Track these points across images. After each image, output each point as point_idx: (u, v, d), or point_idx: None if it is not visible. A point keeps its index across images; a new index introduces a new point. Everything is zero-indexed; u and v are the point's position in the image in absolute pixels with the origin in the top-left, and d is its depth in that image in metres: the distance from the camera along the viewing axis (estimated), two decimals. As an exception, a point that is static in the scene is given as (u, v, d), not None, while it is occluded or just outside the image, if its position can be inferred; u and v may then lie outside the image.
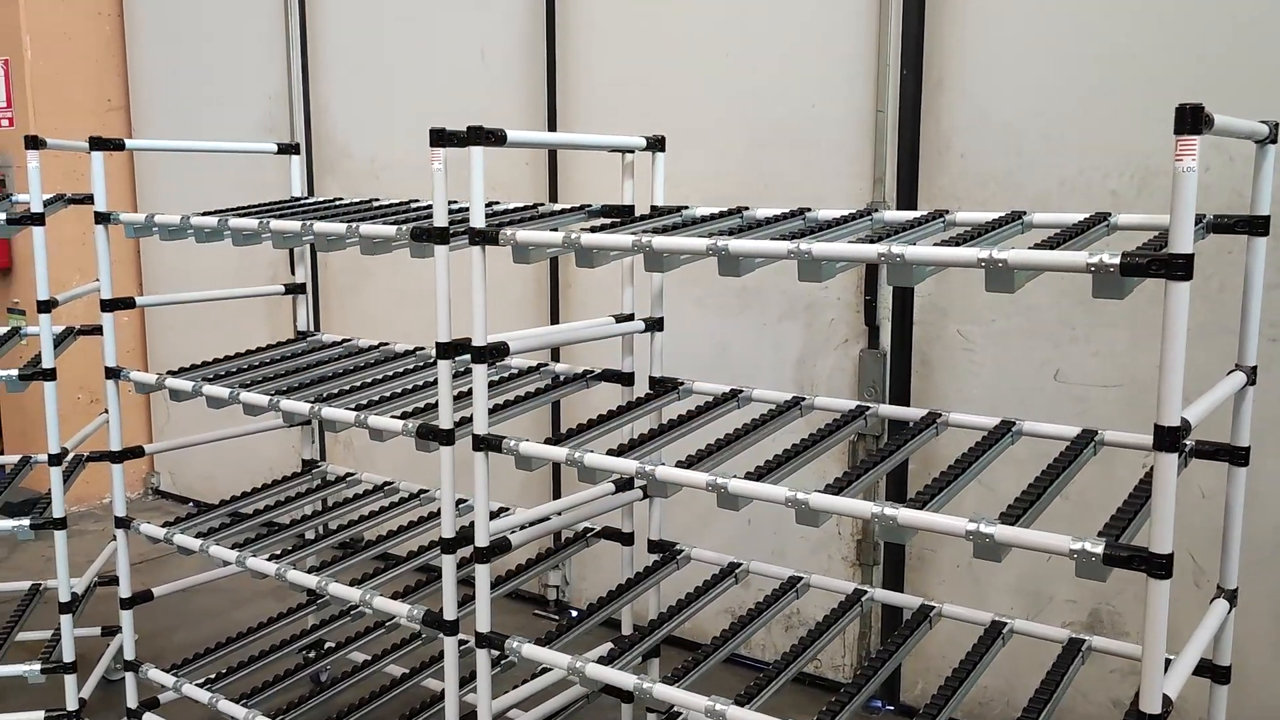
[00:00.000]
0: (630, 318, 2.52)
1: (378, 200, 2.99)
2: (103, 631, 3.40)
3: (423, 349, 2.97)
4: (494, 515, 2.23)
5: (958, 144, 2.96)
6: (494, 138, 2.00)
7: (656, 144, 2.44)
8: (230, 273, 4.70)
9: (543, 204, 2.70)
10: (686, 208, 2.40)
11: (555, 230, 2.02)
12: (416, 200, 2.91)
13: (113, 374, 2.76)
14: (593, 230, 2.01)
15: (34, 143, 2.69)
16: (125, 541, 2.84)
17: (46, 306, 2.76)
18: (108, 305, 2.73)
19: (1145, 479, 1.83)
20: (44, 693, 3.06)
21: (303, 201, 3.11)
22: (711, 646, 2.11)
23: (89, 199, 2.83)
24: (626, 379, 2.55)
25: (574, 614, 3.89)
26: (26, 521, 2.84)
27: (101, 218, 2.70)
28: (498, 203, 2.72)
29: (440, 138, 2.02)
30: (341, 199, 3.13)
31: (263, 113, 4.59)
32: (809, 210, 2.24)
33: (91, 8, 4.98)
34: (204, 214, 2.62)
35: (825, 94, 3.15)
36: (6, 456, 3.49)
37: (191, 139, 4.78)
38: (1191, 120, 1.35)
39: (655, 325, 2.51)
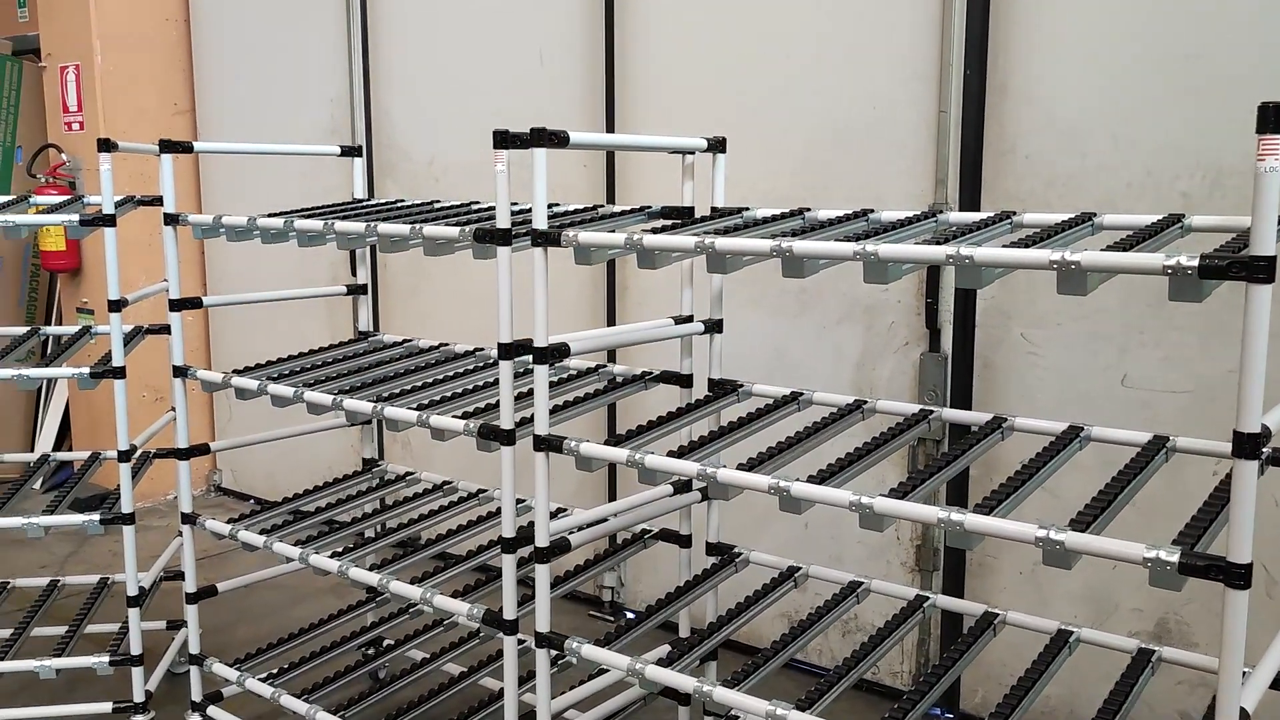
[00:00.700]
0: (689, 319, 2.52)
1: (438, 202, 3.02)
2: (168, 625, 3.46)
3: (482, 349, 2.99)
4: (553, 516, 2.24)
5: (1022, 146, 2.92)
6: (557, 139, 2.00)
7: (717, 145, 2.43)
8: (291, 274, 4.77)
9: (602, 206, 2.70)
10: (747, 209, 2.39)
11: (616, 232, 2.03)
12: (477, 202, 2.93)
13: (180, 373, 2.82)
14: (654, 232, 2.01)
15: (106, 145, 2.75)
16: (191, 537, 2.89)
17: (117, 306, 2.81)
18: (175, 305, 2.78)
19: (1219, 487, 1.79)
20: (111, 684, 3.13)
21: (365, 203, 3.14)
22: (771, 650, 2.10)
23: (158, 200, 2.89)
24: (685, 381, 2.55)
25: (629, 615, 3.89)
26: (96, 516, 2.90)
27: (170, 219, 2.75)
28: (558, 204, 2.73)
29: (503, 139, 2.03)
30: (403, 201, 3.16)
31: (325, 116, 4.66)
32: (871, 211, 2.22)
33: (160, 13, 5.09)
34: (270, 215, 2.65)
35: (886, 95, 3.12)
36: (76, 453, 3.56)
37: (255, 142, 4.86)
38: (1275, 119, 1.31)
39: (715, 327, 2.50)
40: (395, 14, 4.36)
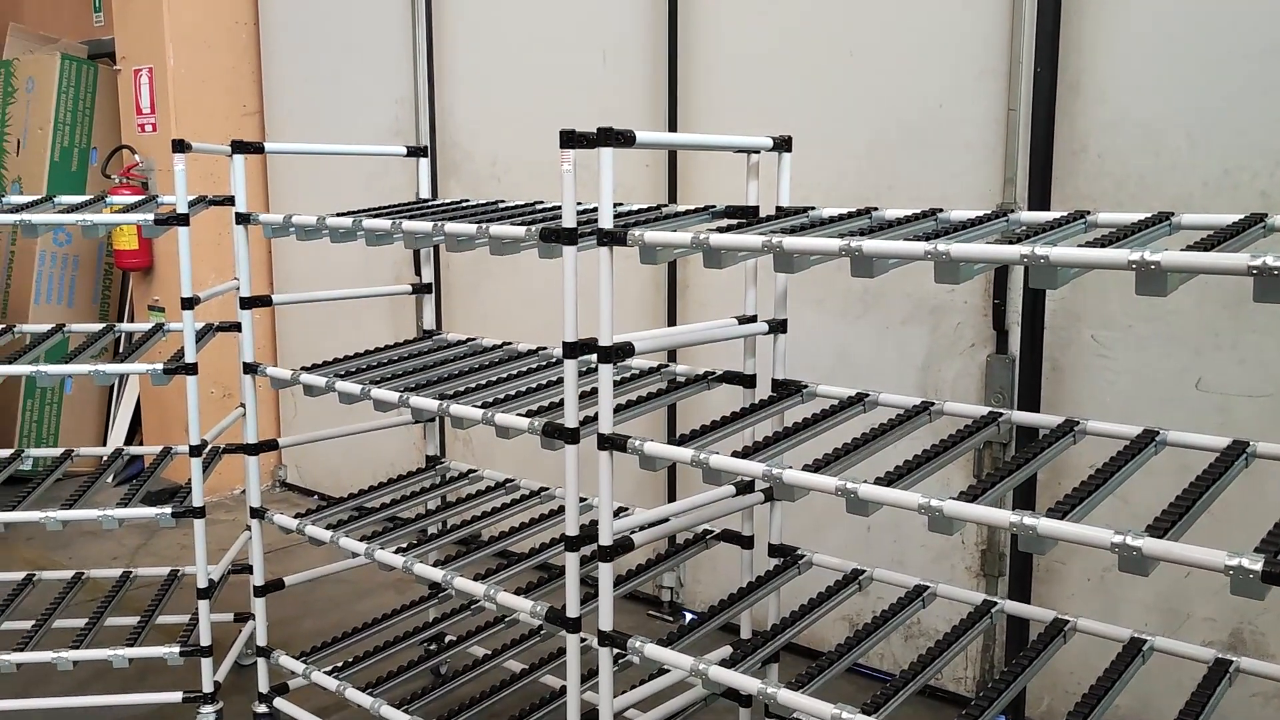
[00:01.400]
0: (753, 319, 2.50)
1: (503, 202, 3.04)
2: (235, 618, 3.52)
3: (544, 349, 3.00)
4: (615, 515, 2.24)
5: (1094, 144, 2.86)
6: (623, 139, 2.01)
7: (783, 144, 2.42)
8: (355, 274, 4.84)
9: (665, 205, 2.70)
10: (813, 208, 2.37)
11: (681, 231, 2.02)
12: (541, 201, 2.94)
13: (250, 369, 2.86)
14: (720, 231, 2.00)
15: (180, 146, 2.80)
16: (259, 531, 2.94)
17: (190, 303, 2.87)
18: (246, 303, 2.83)
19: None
20: (181, 674, 3.19)
21: (430, 203, 3.17)
22: (836, 653, 2.08)
23: (229, 200, 2.95)
24: (748, 381, 2.53)
25: (688, 616, 3.89)
26: (168, 509, 2.96)
27: (242, 218, 2.80)
28: (621, 204, 2.73)
29: (570, 139, 2.03)
30: (468, 200, 3.19)
31: (389, 117, 4.71)
32: (940, 211, 2.19)
33: (230, 17, 5.19)
34: (338, 215, 2.69)
35: (953, 93, 3.08)
36: (147, 447, 3.64)
37: (320, 143, 4.94)
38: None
39: (779, 327, 2.49)
40: (460, 16, 4.40)
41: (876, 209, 2.27)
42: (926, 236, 1.76)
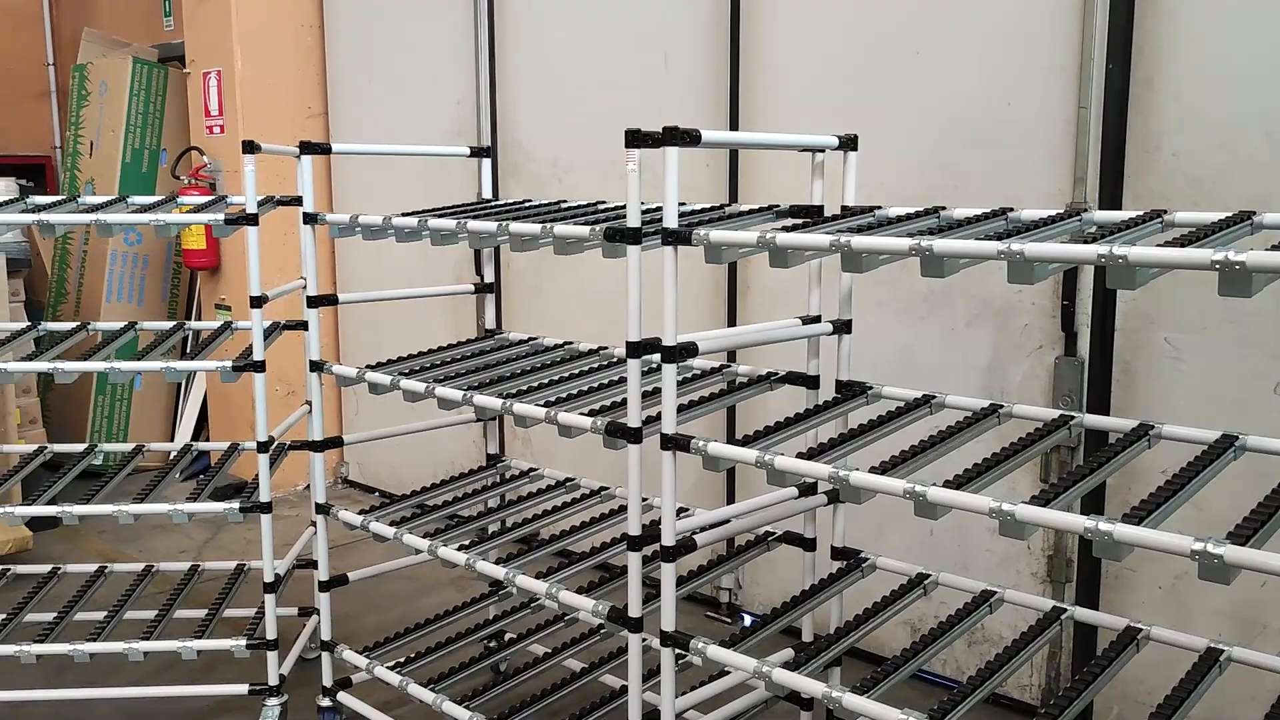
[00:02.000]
0: (817, 320, 2.48)
1: (565, 202, 3.05)
2: (300, 612, 3.57)
3: (605, 348, 3.00)
4: (677, 515, 2.24)
5: (1168, 143, 2.80)
6: (689, 138, 2.00)
7: (849, 143, 2.40)
8: (417, 273, 4.88)
9: (728, 205, 2.69)
10: (878, 208, 2.34)
11: (746, 230, 2.01)
12: (603, 201, 2.94)
13: (316, 367, 2.90)
14: (786, 230, 1.99)
15: (250, 147, 2.85)
16: (324, 527, 2.98)
17: (258, 302, 2.91)
18: (313, 302, 2.86)
19: (1392, 502, 1.68)
20: (247, 666, 3.24)
21: (492, 203, 3.19)
22: (901, 658, 2.06)
23: (296, 200, 2.99)
24: (811, 382, 2.51)
25: (746, 617, 3.87)
26: (236, 505, 3.01)
27: (309, 218, 2.84)
28: (684, 203, 2.72)
29: (635, 139, 2.03)
30: (530, 200, 3.20)
31: (451, 118, 4.75)
32: (1010, 210, 2.16)
33: (295, 20, 5.27)
34: (404, 215, 2.71)
35: (1022, 90, 3.03)
36: (215, 443, 3.71)
37: (383, 144, 5.00)
38: None
39: (843, 328, 2.46)
40: (521, 17, 4.42)
41: (944, 208, 2.24)
42: (998, 236, 1.73)
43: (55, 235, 3.36)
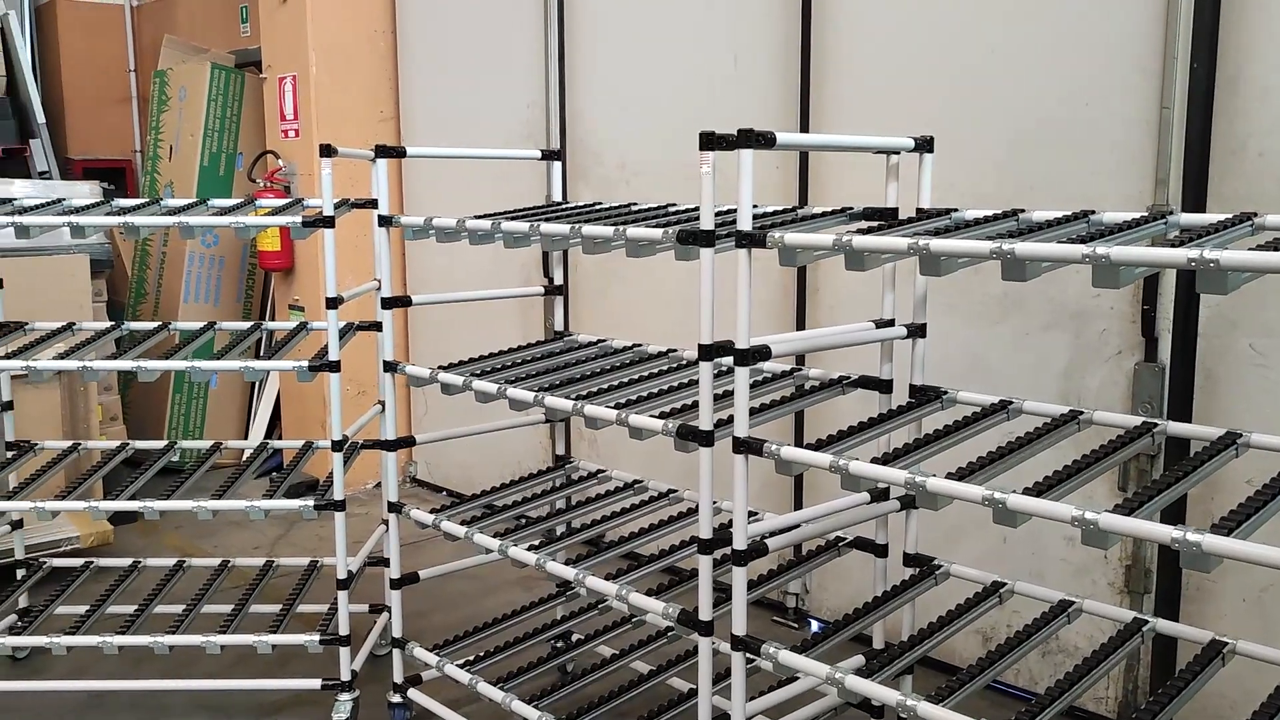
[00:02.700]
0: (890, 323, 2.46)
1: (635, 204, 3.05)
2: (370, 609, 3.62)
3: (675, 351, 3.00)
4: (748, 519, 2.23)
5: (1254, 143, 2.72)
6: (764, 140, 1.99)
7: (924, 145, 2.37)
8: (485, 275, 4.93)
9: (800, 207, 2.67)
10: (955, 210, 2.31)
11: (820, 233, 1.99)
12: (674, 204, 2.94)
13: (390, 368, 2.94)
14: (863, 232, 1.97)
15: (327, 151, 2.90)
16: (396, 525, 3.02)
17: (334, 303, 2.96)
18: (387, 303, 2.90)
19: None
20: (319, 661, 3.30)
21: (563, 206, 3.21)
22: (978, 667, 2.03)
23: (371, 203, 3.03)
24: (885, 386, 2.49)
25: (813, 623, 3.84)
26: (311, 502, 3.06)
27: (384, 221, 2.88)
28: (756, 206, 2.71)
29: (710, 141, 2.03)
30: (600, 203, 3.21)
31: (520, 121, 4.79)
32: (1092, 213, 2.11)
33: (369, 25, 5.35)
34: (476, 218, 2.74)
35: (1100, 90, 2.97)
36: (289, 441, 3.77)
37: (453, 147, 5.05)
38: None
39: (918, 332, 2.43)
40: (591, 21, 4.44)
41: (1023, 210, 2.20)
42: (1081, 239, 1.70)
43: (138, 237, 3.46)
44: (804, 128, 3.64)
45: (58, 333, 3.43)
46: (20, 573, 3.71)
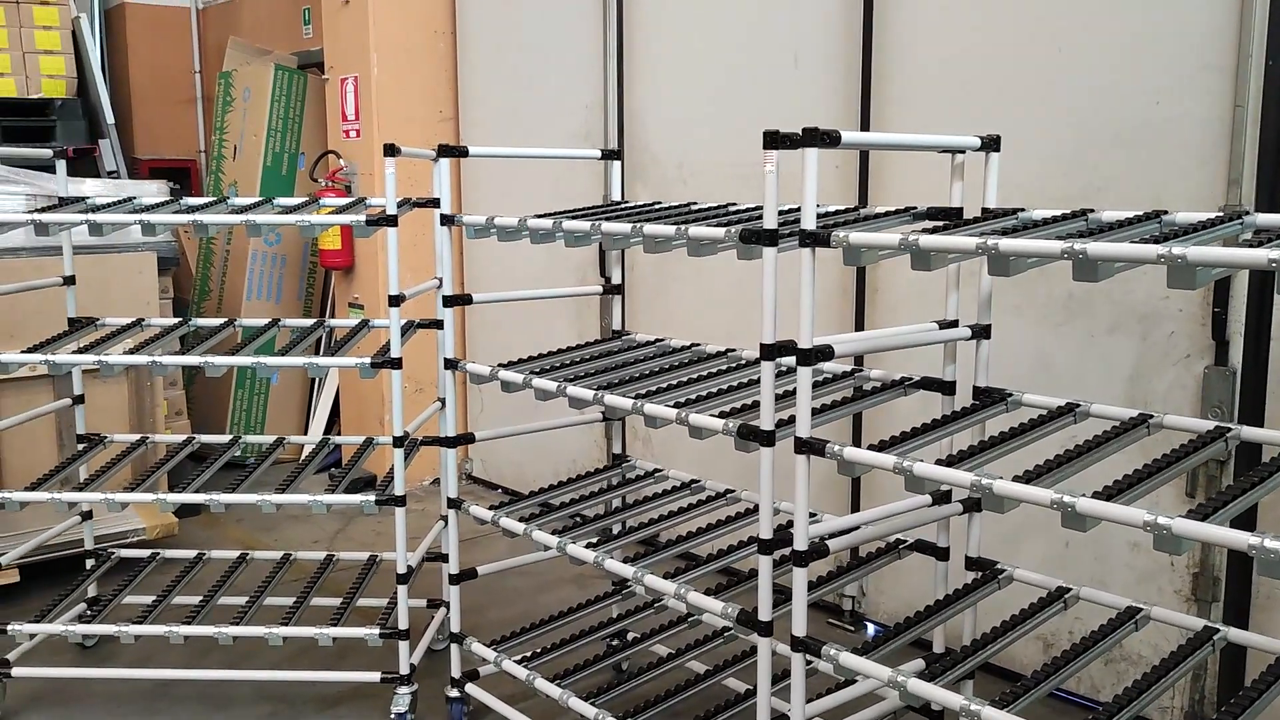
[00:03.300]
0: (954, 324, 2.43)
1: (695, 204, 3.05)
2: (428, 604, 3.65)
3: (733, 350, 2.99)
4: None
5: (1332, 141, 2.65)
6: (829, 139, 1.98)
7: (991, 144, 2.34)
8: (541, 275, 4.95)
9: (862, 207, 2.65)
10: (1021, 210, 2.28)
11: (884, 232, 1.98)
12: (734, 203, 2.94)
13: (451, 365, 2.97)
14: (930, 232, 1.95)
15: (391, 151, 2.93)
16: (455, 521, 3.05)
17: (396, 301, 2.99)
18: (449, 301, 2.93)
19: None
20: (377, 655, 3.34)
21: (622, 205, 3.21)
22: (1043, 673, 2.00)
23: (433, 202, 3.06)
24: (948, 388, 2.46)
25: (869, 626, 3.81)
26: (372, 497, 3.10)
27: (446, 220, 2.91)
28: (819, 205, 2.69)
29: (774, 140, 2.02)
30: (659, 203, 3.22)
31: (578, 121, 4.80)
32: (1165, 213, 2.07)
33: (430, 26, 5.40)
34: (537, 217, 2.75)
35: (1171, 89, 2.92)
36: (351, 437, 3.82)
37: (511, 147, 5.08)
38: None
39: (982, 333, 2.41)
40: (650, 22, 4.45)
41: (1092, 210, 2.17)
42: (1154, 239, 1.67)
43: (206, 235, 3.52)
44: (864, 126, 3.61)
45: (127, 328, 3.51)
46: (89, 563, 3.80)
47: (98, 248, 4.48)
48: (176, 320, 3.61)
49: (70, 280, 3.59)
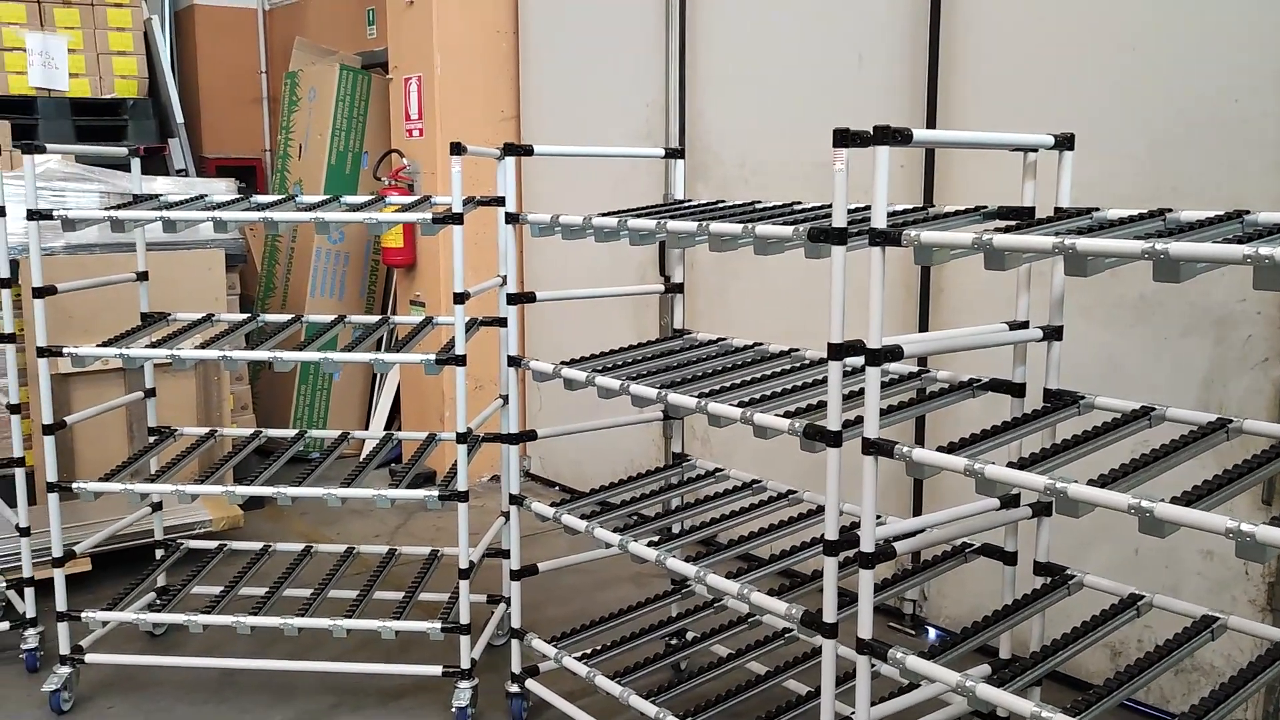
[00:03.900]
0: (1025, 325, 2.40)
1: (759, 202, 3.04)
2: (488, 599, 3.68)
3: (796, 350, 2.97)
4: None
5: None
6: (901, 137, 1.96)
7: (1064, 142, 2.30)
8: (600, 273, 4.96)
9: (930, 206, 2.62)
10: (1096, 209, 2.24)
11: (955, 232, 1.95)
12: (799, 202, 2.92)
13: (514, 362, 2.99)
14: (1004, 231, 1.92)
15: (457, 149, 2.95)
16: (517, 517, 3.06)
17: (461, 298, 3.01)
18: (513, 299, 2.95)
19: None
20: (438, 649, 3.37)
21: (686, 204, 3.21)
22: (1115, 682, 1.96)
23: (498, 200, 3.08)
24: (1018, 390, 2.43)
25: (930, 630, 3.77)
26: (435, 492, 3.13)
27: (511, 218, 2.92)
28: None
29: (844, 138, 2.01)
30: (723, 201, 3.21)
31: (640, 121, 4.80)
32: (1247, 213, 2.02)
33: (493, 26, 5.44)
34: (601, 215, 2.76)
35: (1250, 87, 2.84)
36: (413, 433, 3.86)
37: (572, 145, 5.10)
38: None
39: (1054, 334, 2.37)
40: (712, 21, 4.44)
41: (1170, 210, 2.12)
42: (1238, 239, 1.63)
43: (274, 232, 3.57)
44: (930, 125, 3.58)
45: (198, 323, 3.58)
46: (159, 553, 3.88)
47: (168, 244, 4.57)
48: (245, 316, 3.67)
49: (143, 276, 3.67)
